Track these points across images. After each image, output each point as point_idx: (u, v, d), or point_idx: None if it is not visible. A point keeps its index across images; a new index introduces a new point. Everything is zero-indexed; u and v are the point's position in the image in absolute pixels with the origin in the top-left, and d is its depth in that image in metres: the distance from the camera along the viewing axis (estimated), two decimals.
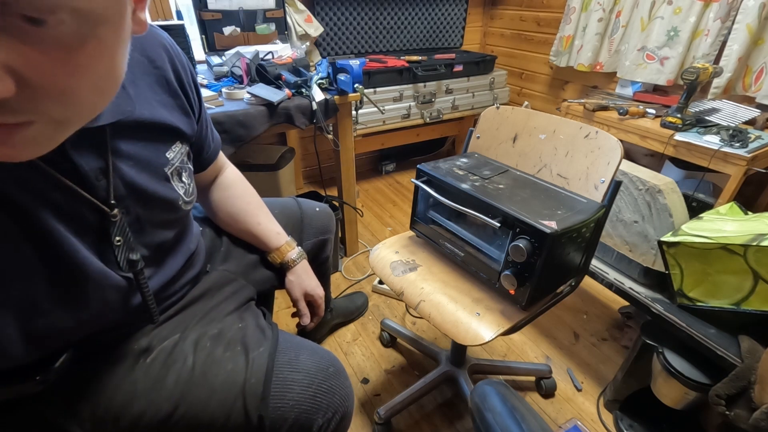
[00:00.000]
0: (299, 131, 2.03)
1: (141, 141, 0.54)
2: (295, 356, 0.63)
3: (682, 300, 0.93)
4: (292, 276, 0.84)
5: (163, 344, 0.62)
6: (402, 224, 2.11)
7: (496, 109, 1.01)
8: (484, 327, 0.79)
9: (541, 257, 0.73)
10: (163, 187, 0.57)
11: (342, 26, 2.18)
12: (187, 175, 0.63)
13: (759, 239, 0.78)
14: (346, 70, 1.35)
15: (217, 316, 0.69)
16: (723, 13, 1.56)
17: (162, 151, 0.57)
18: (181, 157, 0.61)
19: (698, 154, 1.42)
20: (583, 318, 1.52)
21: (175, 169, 0.59)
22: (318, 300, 0.86)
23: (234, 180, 0.84)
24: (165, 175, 0.57)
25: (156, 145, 0.56)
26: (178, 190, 0.60)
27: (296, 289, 0.83)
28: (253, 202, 0.84)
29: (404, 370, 1.31)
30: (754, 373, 0.77)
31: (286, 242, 0.84)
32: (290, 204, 0.94)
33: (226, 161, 0.85)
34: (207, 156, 0.75)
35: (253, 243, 0.84)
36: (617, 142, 0.79)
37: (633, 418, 1.11)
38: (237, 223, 0.82)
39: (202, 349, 0.62)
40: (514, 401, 0.59)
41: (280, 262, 0.83)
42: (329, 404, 0.61)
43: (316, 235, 0.92)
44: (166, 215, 0.59)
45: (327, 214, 0.96)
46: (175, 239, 0.64)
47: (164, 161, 0.57)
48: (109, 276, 0.51)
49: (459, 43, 2.61)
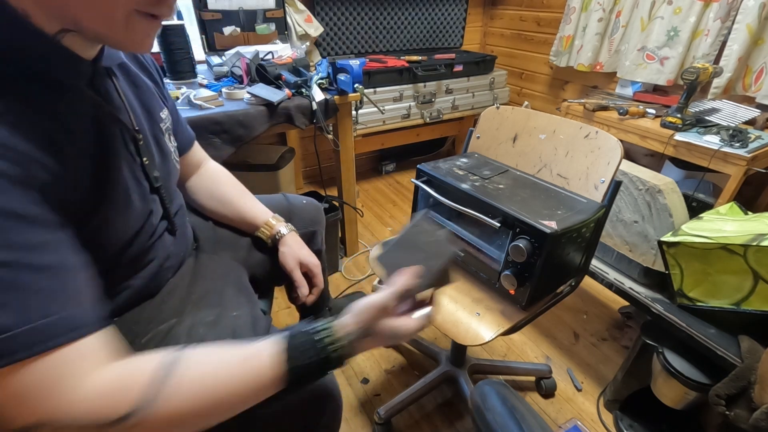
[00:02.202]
0: (299, 131, 2.03)
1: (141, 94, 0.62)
2: None
3: (682, 300, 0.93)
4: (283, 247, 0.83)
5: (160, 327, 0.63)
6: (402, 224, 2.11)
7: (496, 109, 1.01)
8: (484, 327, 0.79)
9: (541, 257, 0.73)
10: (162, 136, 0.65)
11: (342, 26, 2.18)
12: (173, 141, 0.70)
13: (759, 239, 0.78)
14: (346, 70, 1.35)
15: (214, 301, 0.70)
16: (723, 13, 1.56)
17: (157, 110, 0.65)
18: (169, 122, 0.69)
19: (698, 154, 1.42)
20: (583, 318, 1.52)
21: (167, 128, 0.68)
22: (314, 269, 0.85)
23: (218, 170, 0.89)
24: (161, 128, 0.65)
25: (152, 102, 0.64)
26: (171, 145, 0.68)
27: (289, 259, 0.82)
28: (238, 188, 0.88)
29: (404, 370, 1.31)
30: (754, 373, 0.77)
31: (273, 216, 0.85)
32: (277, 197, 0.96)
33: (206, 156, 0.90)
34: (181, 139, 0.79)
35: (242, 224, 0.85)
36: (617, 142, 0.80)
37: (633, 418, 1.11)
38: (224, 206, 0.84)
39: (195, 336, 0.63)
40: (514, 401, 0.59)
41: (270, 236, 0.84)
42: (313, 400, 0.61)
43: (306, 227, 0.93)
44: (166, 161, 0.66)
45: (314, 206, 0.97)
46: (173, 183, 0.70)
47: (159, 118, 0.65)
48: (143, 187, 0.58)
49: (459, 43, 2.61)
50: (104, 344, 0.41)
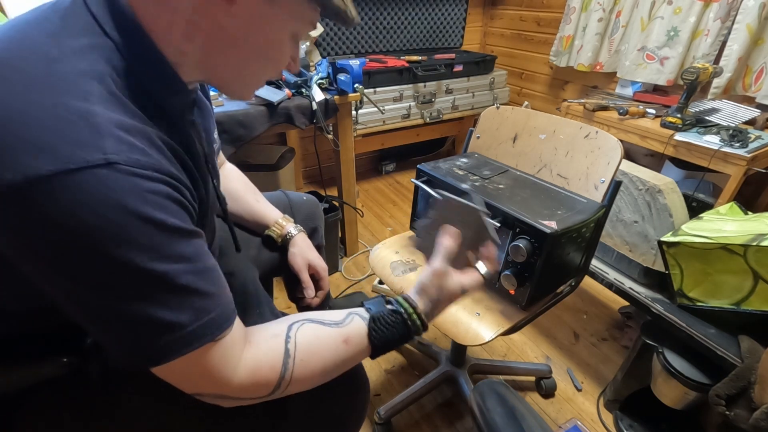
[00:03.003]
0: (299, 131, 2.03)
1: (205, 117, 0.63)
2: None
3: (682, 300, 0.93)
4: (294, 248, 0.85)
5: None
6: (402, 224, 2.11)
7: (496, 109, 1.01)
8: (484, 327, 0.79)
9: (541, 257, 0.73)
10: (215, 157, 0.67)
11: (342, 26, 2.18)
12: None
13: (759, 239, 0.78)
14: (346, 70, 1.35)
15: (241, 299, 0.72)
16: (723, 13, 1.56)
17: (212, 132, 0.67)
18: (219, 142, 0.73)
19: (698, 154, 1.42)
20: (583, 318, 1.52)
21: (218, 148, 0.71)
22: (321, 272, 0.87)
23: (232, 168, 0.92)
24: (214, 149, 0.66)
25: (211, 124, 0.66)
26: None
27: (299, 260, 0.84)
28: (250, 186, 0.90)
29: (404, 370, 1.31)
30: (754, 373, 0.77)
31: (283, 216, 0.87)
32: (277, 194, 0.98)
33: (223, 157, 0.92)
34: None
35: (252, 220, 0.86)
36: (617, 142, 0.80)
37: (633, 418, 1.11)
38: (237, 201, 0.85)
39: None
40: (514, 401, 0.59)
41: (280, 235, 0.85)
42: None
43: (306, 223, 0.95)
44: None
45: (313, 202, 1.00)
46: None
47: (214, 139, 0.67)
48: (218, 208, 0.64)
49: (459, 43, 2.61)
50: (241, 330, 0.48)
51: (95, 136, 0.34)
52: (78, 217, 0.34)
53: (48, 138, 0.33)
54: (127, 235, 0.36)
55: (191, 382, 0.44)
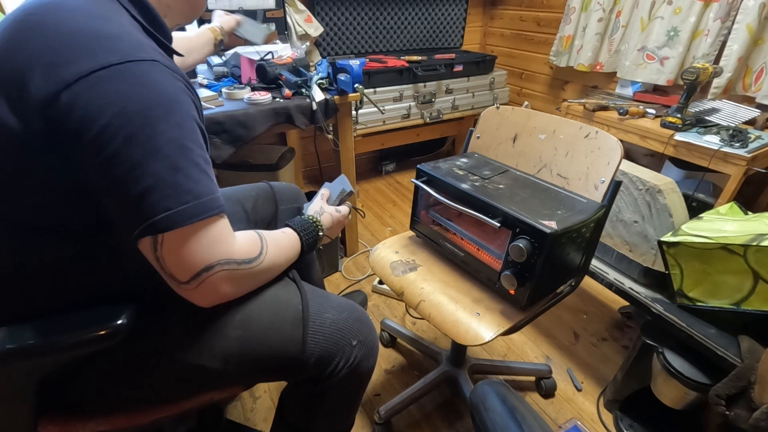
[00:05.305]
0: (299, 131, 2.03)
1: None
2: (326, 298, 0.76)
3: (682, 300, 0.93)
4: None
5: None
6: (402, 224, 2.11)
7: (496, 109, 1.01)
8: (484, 327, 0.79)
9: (541, 257, 0.73)
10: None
11: (342, 26, 2.18)
12: None
13: (759, 239, 0.78)
14: (346, 70, 1.35)
15: None
16: (723, 13, 1.56)
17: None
18: None
19: (698, 154, 1.42)
20: (583, 318, 1.52)
21: None
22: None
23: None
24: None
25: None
26: None
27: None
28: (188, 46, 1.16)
29: (404, 370, 1.31)
30: (754, 373, 0.77)
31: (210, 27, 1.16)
32: (260, 185, 1.07)
33: None
34: None
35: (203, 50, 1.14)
36: (617, 142, 0.80)
37: (633, 418, 1.11)
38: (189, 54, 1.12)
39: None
40: (514, 401, 0.59)
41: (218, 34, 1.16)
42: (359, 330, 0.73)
43: (290, 202, 1.05)
44: None
45: (295, 188, 1.10)
46: None
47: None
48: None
49: (459, 43, 2.61)
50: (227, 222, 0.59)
51: (143, 46, 0.52)
52: (143, 83, 0.50)
53: (119, 45, 0.50)
54: (168, 103, 0.51)
55: (205, 250, 0.53)
